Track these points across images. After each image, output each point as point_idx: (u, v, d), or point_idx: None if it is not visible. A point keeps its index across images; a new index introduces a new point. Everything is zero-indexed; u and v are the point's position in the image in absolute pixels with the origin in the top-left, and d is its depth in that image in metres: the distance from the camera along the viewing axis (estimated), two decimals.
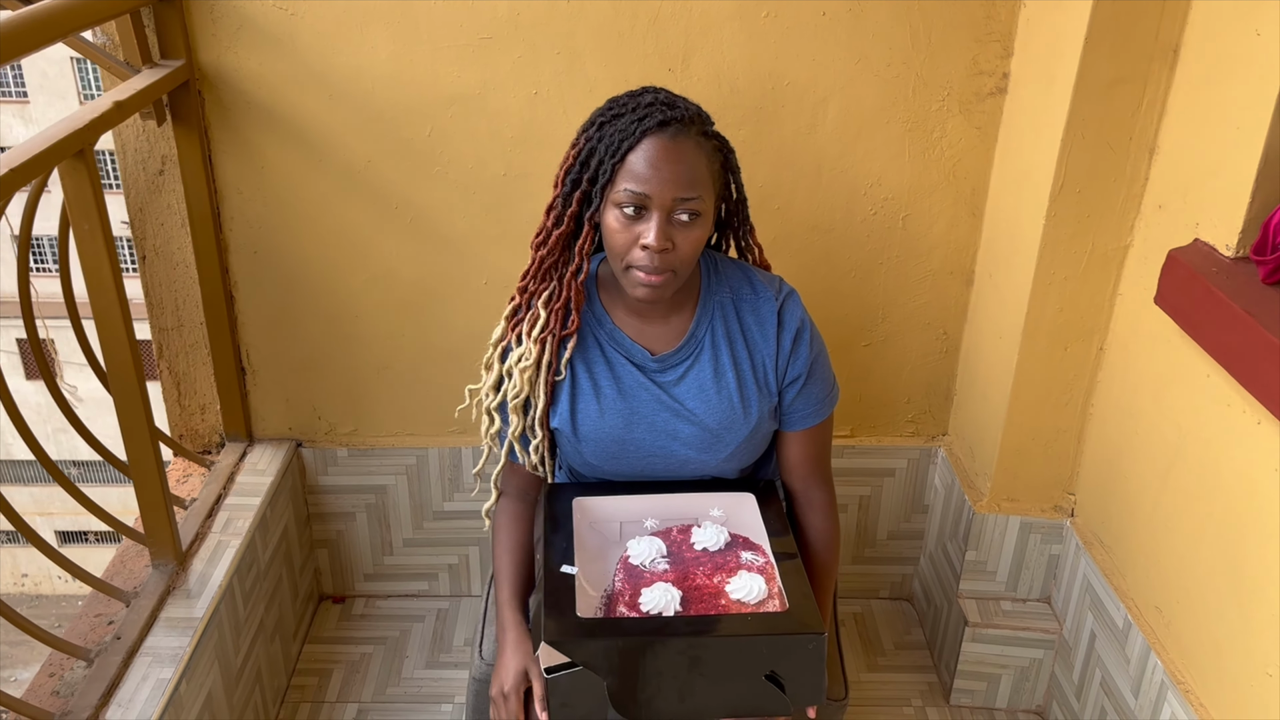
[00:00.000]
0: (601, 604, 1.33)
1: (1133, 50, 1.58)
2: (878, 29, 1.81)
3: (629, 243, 1.31)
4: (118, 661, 1.56)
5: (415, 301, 2.03)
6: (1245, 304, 1.34)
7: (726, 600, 1.30)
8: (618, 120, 1.32)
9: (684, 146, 1.30)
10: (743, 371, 1.45)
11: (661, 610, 1.28)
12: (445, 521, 2.25)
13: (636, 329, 1.45)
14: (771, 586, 1.32)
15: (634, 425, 1.45)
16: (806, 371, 1.46)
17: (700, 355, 1.44)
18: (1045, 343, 1.82)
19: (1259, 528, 1.38)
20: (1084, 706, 1.87)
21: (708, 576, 1.34)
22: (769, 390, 1.46)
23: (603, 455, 1.47)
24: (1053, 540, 1.97)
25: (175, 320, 2.03)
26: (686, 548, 1.40)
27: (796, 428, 1.50)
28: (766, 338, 1.45)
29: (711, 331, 1.44)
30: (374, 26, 1.80)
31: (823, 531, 1.52)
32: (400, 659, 2.20)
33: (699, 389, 1.44)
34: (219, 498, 1.97)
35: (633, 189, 1.29)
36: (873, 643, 2.27)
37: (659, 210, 1.29)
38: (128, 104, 1.58)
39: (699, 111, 1.36)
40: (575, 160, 1.35)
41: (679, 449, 1.46)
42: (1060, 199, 1.70)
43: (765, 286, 1.47)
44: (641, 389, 1.44)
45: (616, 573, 1.36)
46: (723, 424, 1.44)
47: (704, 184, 1.31)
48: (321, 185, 1.92)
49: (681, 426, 1.45)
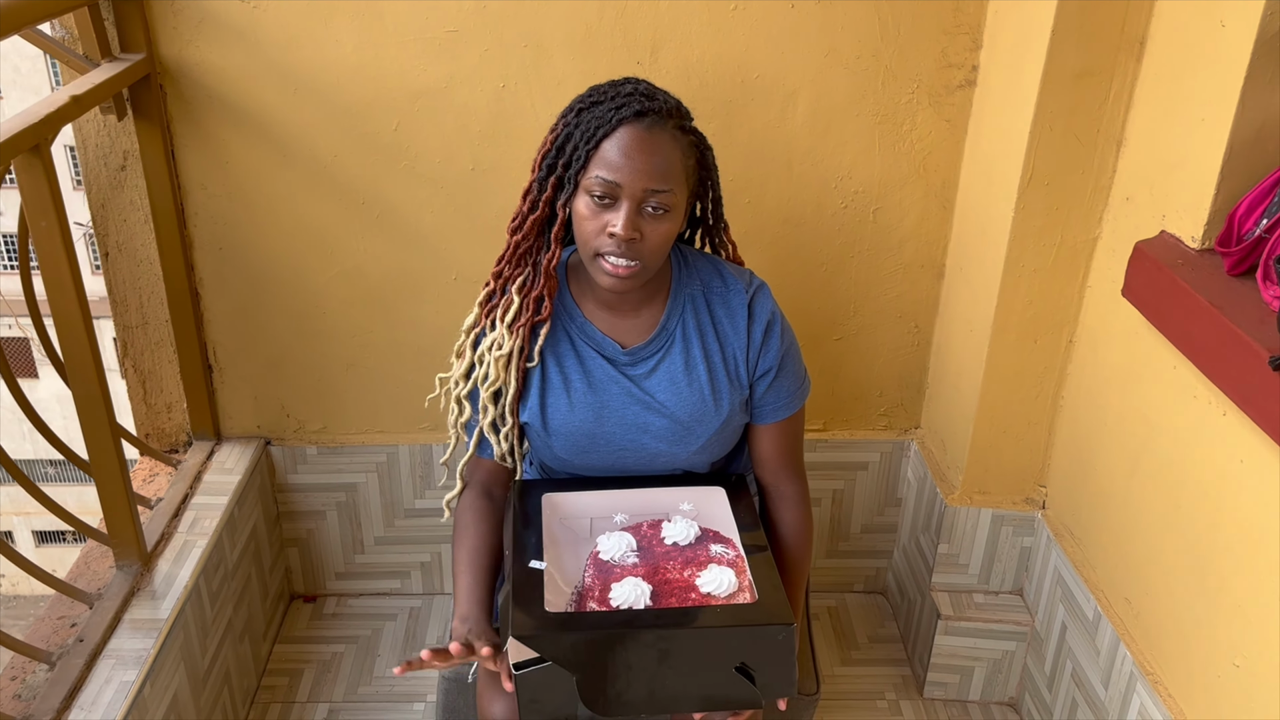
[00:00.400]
0: (572, 600, 1.32)
1: (1099, 42, 1.58)
2: (847, 21, 1.80)
3: (597, 230, 1.31)
4: (80, 664, 1.54)
5: (384, 297, 2.01)
6: (1210, 296, 1.35)
7: (697, 594, 1.30)
8: (596, 107, 1.31)
9: (659, 138, 1.29)
10: (714, 364, 1.44)
11: (631, 605, 1.27)
12: (417, 519, 2.24)
13: (607, 322, 1.44)
14: (742, 579, 1.32)
15: (604, 419, 1.44)
16: (777, 364, 1.46)
17: (671, 348, 1.44)
18: (1015, 335, 1.82)
19: (1225, 519, 1.39)
20: (1056, 698, 1.88)
21: (678, 571, 1.34)
22: (740, 383, 1.46)
23: (573, 449, 1.47)
24: (1024, 532, 1.98)
25: (140, 318, 2.00)
26: (657, 542, 1.39)
27: (768, 421, 1.50)
28: (737, 330, 1.44)
29: (682, 324, 1.44)
30: (339, 19, 1.78)
31: (795, 525, 1.52)
32: (372, 658, 2.18)
33: (670, 382, 1.44)
34: (186, 497, 1.95)
35: (604, 176, 1.28)
36: (847, 636, 2.27)
37: (629, 200, 1.28)
38: (85, 98, 1.56)
39: (678, 105, 1.35)
40: (552, 145, 1.35)
41: (650, 442, 1.45)
42: (1029, 191, 1.70)
43: (736, 279, 1.46)
44: (612, 382, 1.44)
45: (587, 568, 1.35)
46: (694, 416, 1.44)
47: (676, 178, 1.31)
48: (287, 180, 1.90)
49: (652, 419, 1.44)
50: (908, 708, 2.09)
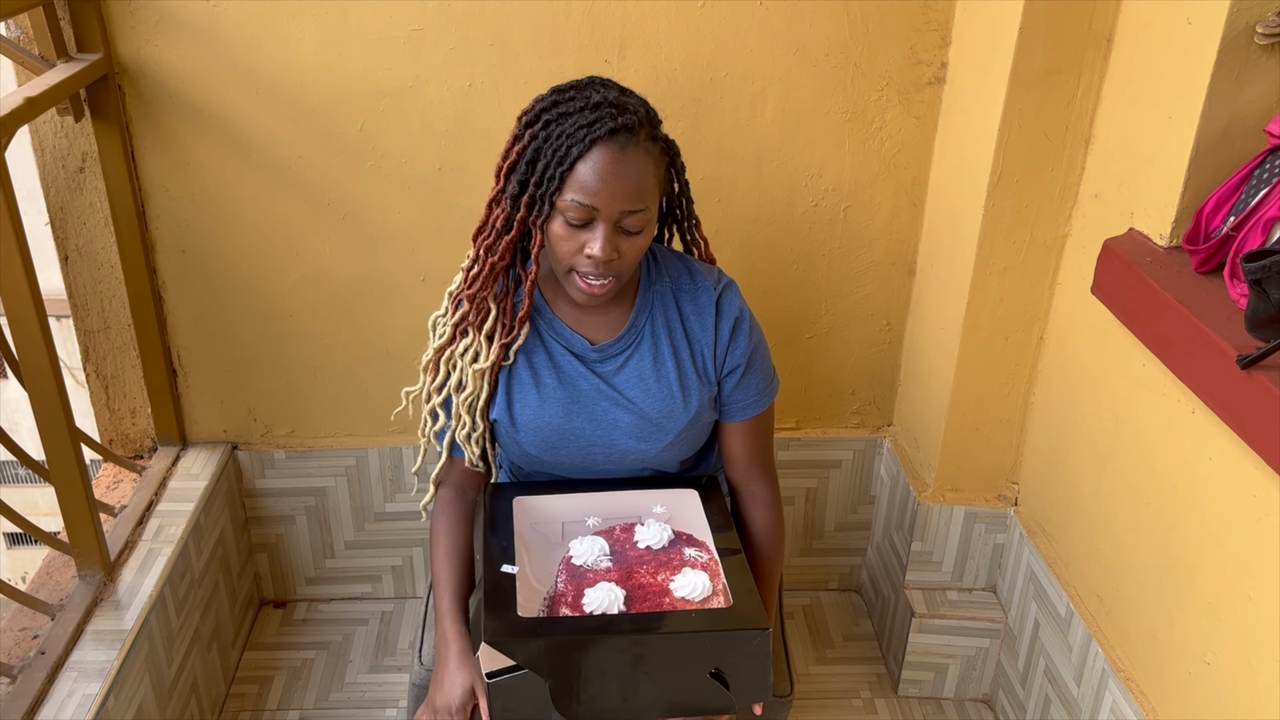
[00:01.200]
0: (545, 606, 1.30)
1: (1067, 39, 1.58)
2: (815, 19, 1.79)
3: (574, 250, 1.29)
4: (42, 677, 1.51)
5: (350, 300, 1.99)
6: (1178, 293, 1.35)
7: (671, 598, 1.29)
8: (565, 120, 1.26)
9: (632, 156, 1.26)
10: (682, 361, 1.43)
11: (605, 610, 1.26)
12: (387, 523, 2.21)
13: (576, 319, 1.43)
14: (716, 583, 1.31)
15: (574, 414, 1.43)
16: (745, 361, 1.45)
17: (640, 345, 1.43)
18: (986, 333, 1.82)
19: (1193, 516, 1.39)
20: (1029, 694, 1.88)
21: (651, 575, 1.33)
22: (708, 379, 1.45)
23: (542, 445, 1.45)
24: (997, 530, 1.98)
25: (102, 322, 1.97)
26: (630, 546, 1.38)
27: (736, 418, 1.49)
28: (705, 327, 1.44)
29: (651, 321, 1.43)
30: (301, 18, 1.75)
31: (766, 525, 1.51)
32: (343, 664, 2.16)
33: (639, 378, 1.43)
34: (150, 504, 1.92)
35: (580, 201, 1.25)
36: (821, 635, 2.26)
37: (605, 222, 1.26)
38: (40, 100, 1.53)
39: (647, 113, 1.31)
40: (519, 158, 1.30)
41: (619, 439, 1.44)
42: (999, 189, 1.70)
43: (704, 277, 1.45)
44: (581, 378, 1.43)
45: (559, 573, 1.34)
46: (662, 413, 1.43)
47: (650, 193, 1.29)
48: (250, 182, 1.87)
49: (621, 416, 1.43)
50: (882, 706, 2.09)
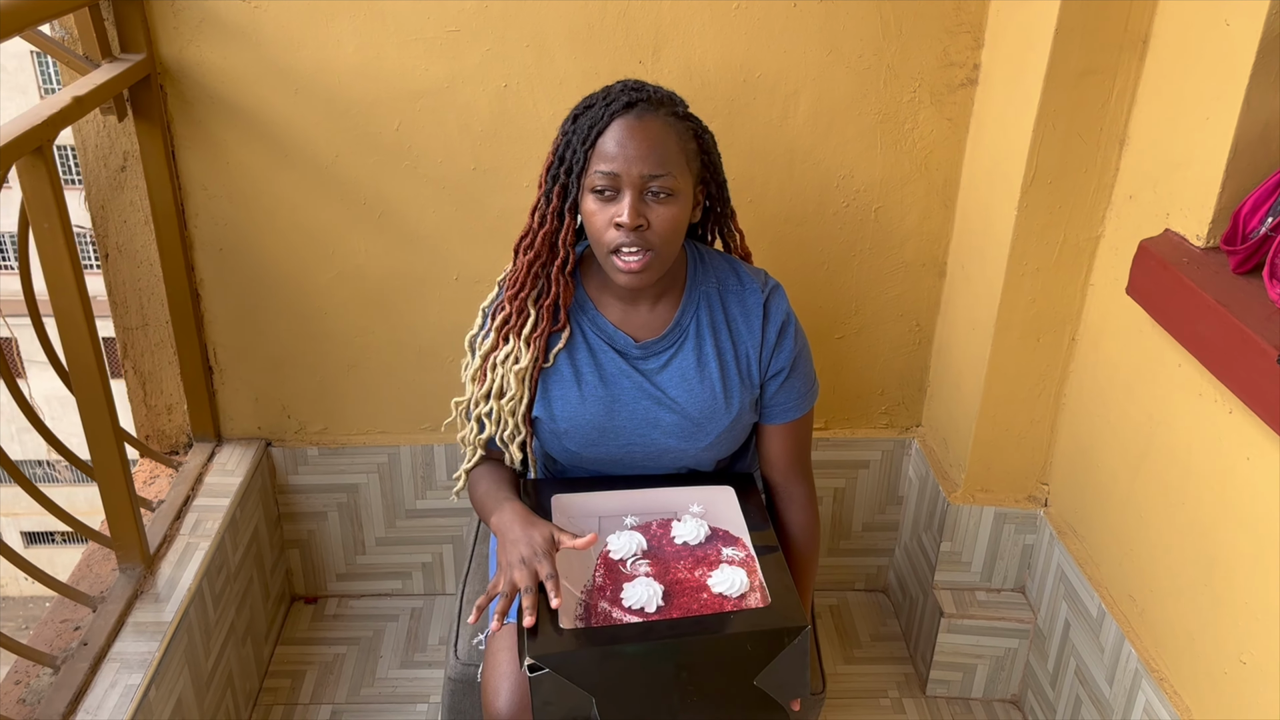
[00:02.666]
0: (582, 601, 1.31)
1: (1103, 41, 1.58)
2: (849, 20, 1.80)
3: (606, 223, 1.32)
4: (85, 668, 1.53)
5: (385, 298, 2.00)
6: (1216, 294, 1.35)
7: (709, 594, 1.29)
8: (589, 111, 1.34)
9: (650, 125, 1.31)
10: (726, 361, 1.44)
11: (644, 606, 1.26)
12: (418, 520, 2.23)
13: (620, 315, 1.44)
14: (753, 580, 1.31)
15: (615, 413, 1.44)
16: (790, 365, 1.47)
17: (684, 344, 1.44)
18: (1018, 334, 1.82)
19: (1231, 517, 1.39)
20: (1059, 695, 1.88)
21: (689, 570, 1.34)
22: (751, 382, 1.46)
23: (582, 442, 1.46)
24: (1027, 530, 1.98)
25: (140, 319, 1.99)
26: (667, 542, 1.39)
27: (778, 421, 1.50)
28: (752, 329, 1.45)
29: (696, 320, 1.44)
30: (340, 19, 1.77)
31: (803, 526, 1.52)
32: (374, 659, 2.18)
33: (682, 377, 1.44)
34: (187, 499, 1.94)
35: (603, 169, 1.31)
36: (849, 635, 2.27)
37: (630, 188, 1.30)
38: (87, 99, 1.55)
39: (670, 95, 1.37)
40: (554, 158, 1.37)
41: (660, 437, 1.45)
42: (1032, 190, 1.70)
43: (751, 279, 1.47)
44: (624, 376, 1.44)
45: (596, 568, 1.35)
46: (704, 413, 1.44)
47: (674, 161, 1.32)
48: (288, 181, 1.89)
49: (663, 415, 1.44)
50: (911, 706, 2.09)
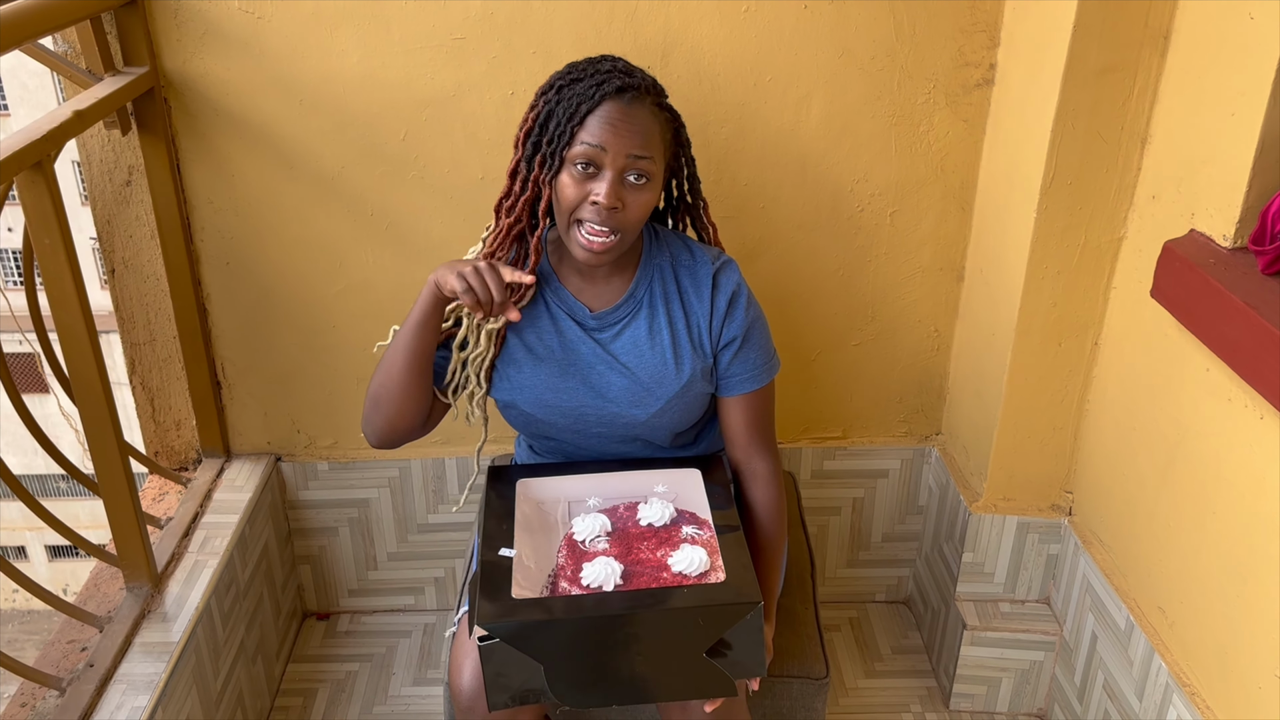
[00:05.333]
0: (547, 584, 1.33)
1: (1122, 37, 1.54)
2: (861, 22, 1.77)
3: (579, 198, 1.35)
4: (90, 690, 1.51)
5: (393, 310, 1.98)
6: (1245, 295, 1.31)
7: (669, 573, 1.30)
8: (576, 85, 1.36)
9: (639, 112, 1.35)
10: (677, 330, 1.49)
11: (602, 584, 1.28)
12: (430, 534, 2.20)
13: (578, 286, 1.50)
14: (714, 559, 1.33)
15: (568, 375, 1.49)
16: (743, 335, 1.49)
17: (638, 314, 1.49)
18: (1039, 339, 1.78)
19: (1263, 525, 1.35)
20: (1087, 709, 1.83)
21: (651, 551, 1.35)
22: (703, 351, 1.50)
23: (535, 402, 1.51)
24: (1051, 540, 1.93)
25: (148, 334, 1.97)
26: (632, 524, 1.41)
27: (734, 393, 1.52)
28: (702, 300, 1.49)
29: (650, 292, 1.49)
30: (343, 29, 1.75)
31: (766, 502, 1.53)
32: (387, 676, 2.15)
33: (634, 345, 1.49)
34: (196, 516, 1.92)
35: (589, 144, 1.33)
36: (870, 648, 2.22)
37: (613, 169, 1.34)
38: (89, 113, 1.53)
39: (654, 83, 1.41)
40: (534, 124, 1.39)
41: (611, 400, 1.50)
42: (1051, 191, 1.66)
43: (703, 252, 1.52)
44: (581, 343, 1.49)
45: (560, 549, 1.37)
46: (654, 378, 1.48)
47: (656, 147, 1.37)
48: (294, 193, 1.87)
49: (614, 379, 1.49)
50: None
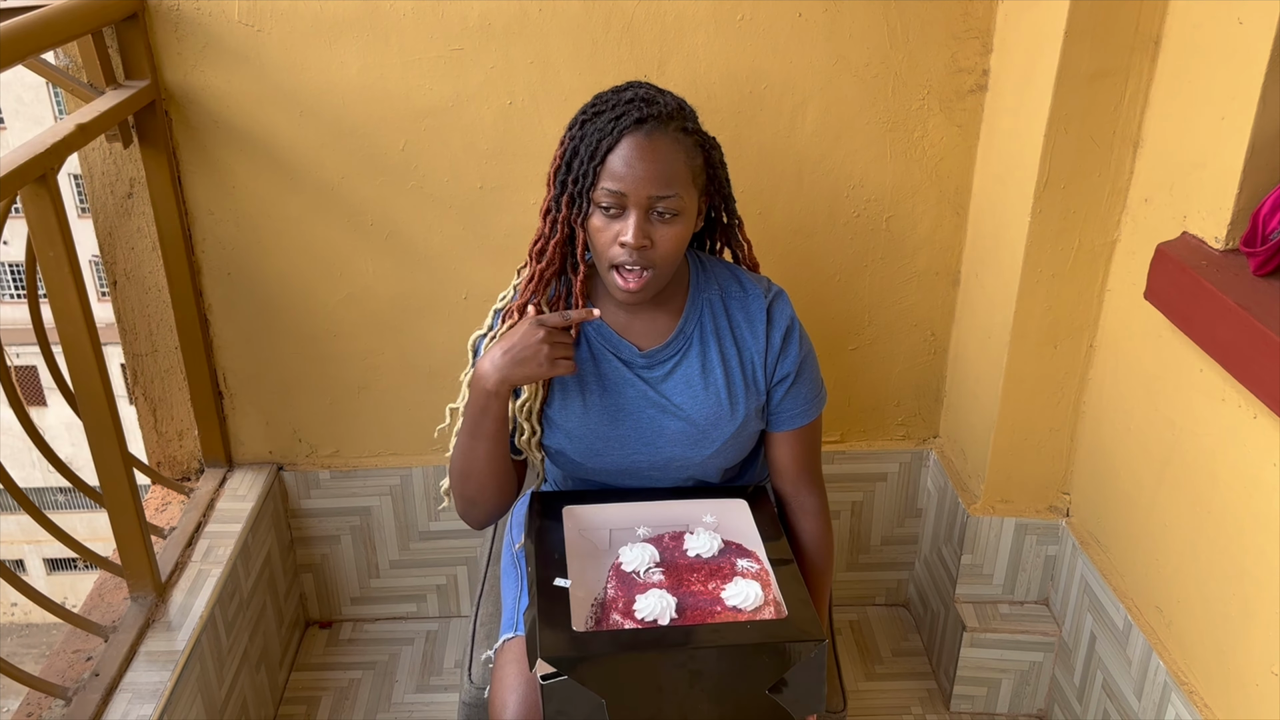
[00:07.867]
0: (593, 612, 1.30)
1: (1113, 42, 1.56)
2: (855, 29, 1.79)
3: (610, 241, 1.31)
4: (96, 699, 1.51)
5: (394, 319, 1.99)
6: (1237, 297, 1.32)
7: (722, 607, 1.28)
8: (598, 118, 1.32)
9: (659, 144, 1.29)
10: (730, 368, 1.43)
11: (657, 618, 1.25)
12: (432, 542, 2.21)
13: (623, 324, 1.43)
14: (768, 593, 1.30)
15: (619, 421, 1.43)
16: (796, 370, 1.45)
17: (688, 351, 1.43)
18: (1034, 341, 1.80)
19: (1259, 524, 1.36)
20: (1086, 709, 1.84)
21: (702, 583, 1.32)
22: (757, 388, 1.45)
23: (586, 452, 1.45)
24: (1049, 541, 1.95)
25: (149, 345, 1.98)
26: (679, 554, 1.37)
27: (785, 428, 1.48)
28: (756, 335, 1.44)
29: (700, 327, 1.43)
30: (343, 41, 1.77)
31: (816, 536, 1.50)
32: (390, 683, 2.16)
33: (686, 385, 1.43)
34: (199, 525, 1.93)
35: (609, 188, 1.29)
36: (870, 650, 2.23)
37: (636, 208, 1.29)
38: (91, 126, 1.55)
39: (679, 107, 1.34)
40: (561, 161, 1.35)
41: (665, 445, 1.44)
42: (1045, 195, 1.68)
43: (754, 284, 1.46)
44: (628, 385, 1.43)
45: (609, 580, 1.33)
46: (710, 420, 1.43)
47: (682, 181, 1.31)
48: (294, 204, 1.89)
49: (668, 422, 1.43)
50: None
